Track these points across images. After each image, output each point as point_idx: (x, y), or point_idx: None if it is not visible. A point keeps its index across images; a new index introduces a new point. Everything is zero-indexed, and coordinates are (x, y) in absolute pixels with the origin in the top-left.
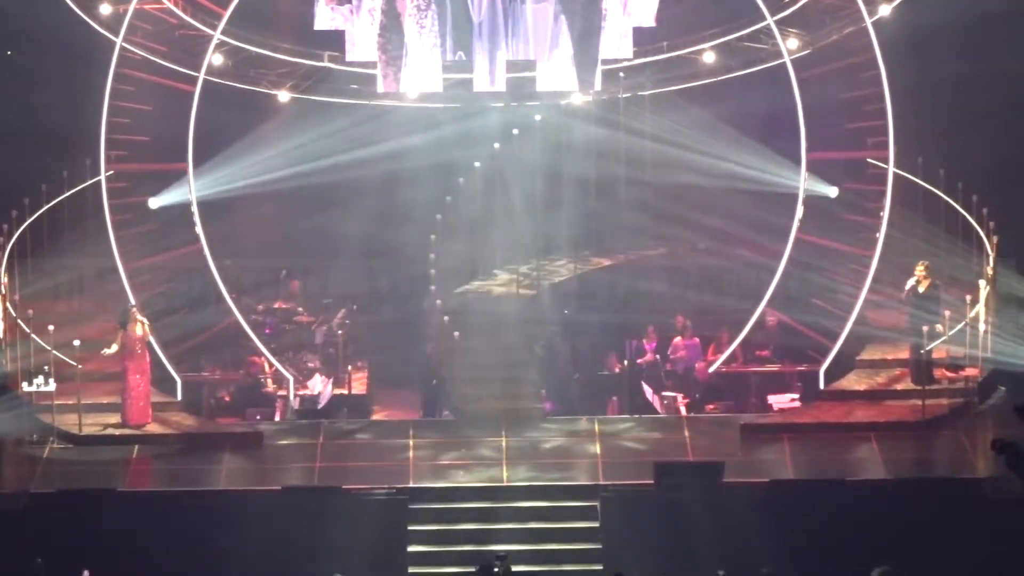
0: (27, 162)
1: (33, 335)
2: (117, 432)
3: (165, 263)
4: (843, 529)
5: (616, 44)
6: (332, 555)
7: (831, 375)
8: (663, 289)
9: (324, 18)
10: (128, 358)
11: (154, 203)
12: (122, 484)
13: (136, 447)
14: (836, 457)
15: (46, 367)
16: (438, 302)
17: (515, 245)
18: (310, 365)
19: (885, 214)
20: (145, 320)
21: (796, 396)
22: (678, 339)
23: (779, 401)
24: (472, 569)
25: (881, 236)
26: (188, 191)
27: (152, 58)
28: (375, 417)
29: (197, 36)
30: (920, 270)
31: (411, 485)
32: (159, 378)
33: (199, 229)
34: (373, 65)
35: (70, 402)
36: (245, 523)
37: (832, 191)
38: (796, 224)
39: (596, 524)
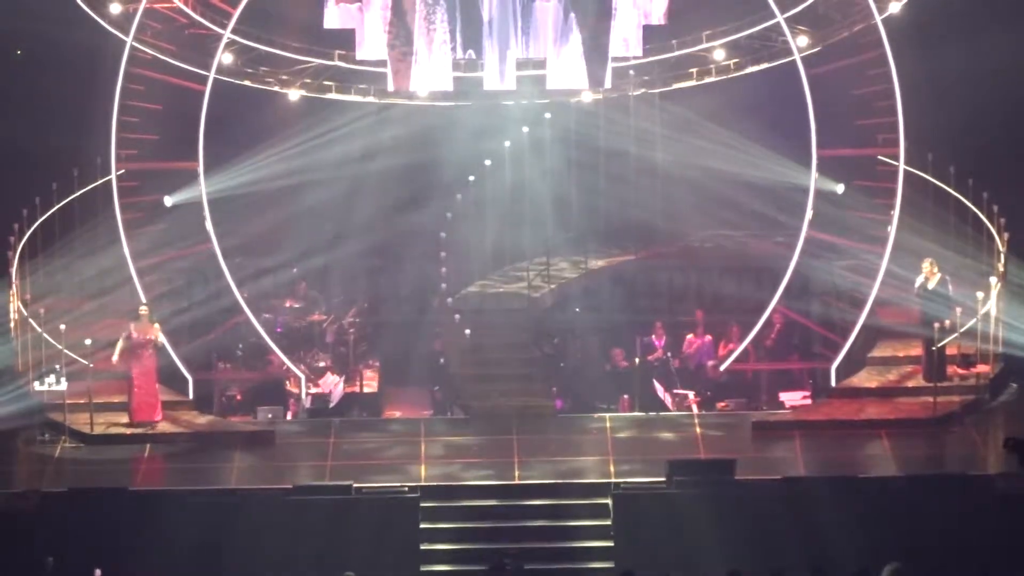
0: (38, 161)
1: (44, 334)
2: (128, 431)
3: (176, 261)
4: (855, 526)
5: (626, 42)
6: (343, 554)
7: (842, 372)
8: (674, 285)
9: (333, 17)
10: (133, 358)
11: (169, 201)
12: (133, 483)
13: (147, 446)
14: (848, 454)
15: (57, 366)
16: (448, 300)
17: (525, 242)
18: (321, 364)
19: (896, 211)
20: (155, 323)
21: (808, 393)
22: (690, 335)
23: (791, 398)
24: (483, 567)
25: (892, 233)
26: (203, 192)
27: (162, 57)
28: (386, 415)
29: (207, 35)
30: (927, 266)
31: (422, 483)
32: (170, 376)
33: (209, 226)
34: (383, 64)
35: (81, 401)
36: (256, 522)
37: (839, 188)
38: (807, 221)
39: (608, 522)
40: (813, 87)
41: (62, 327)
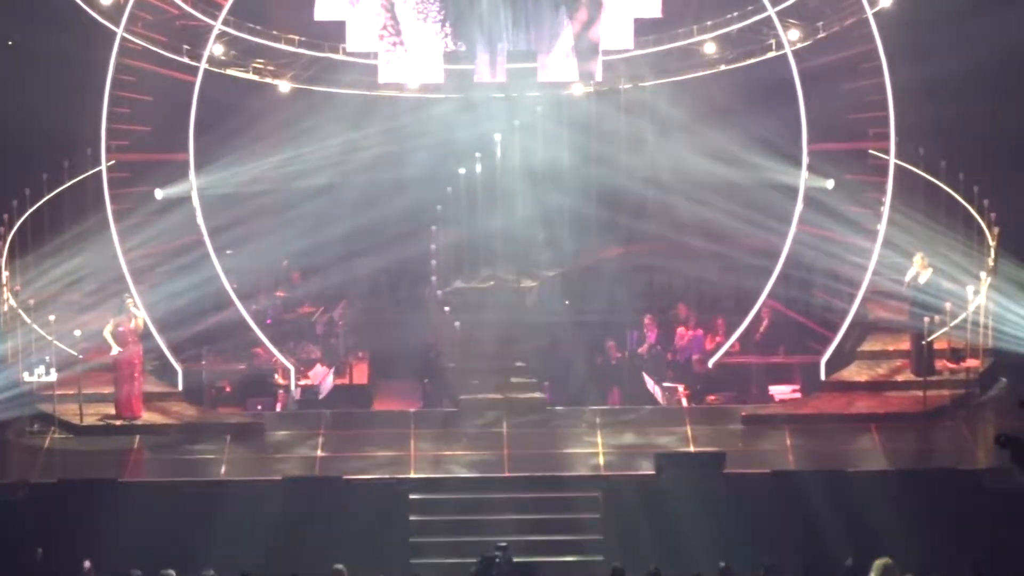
0: (28, 152)
1: (34, 325)
2: (118, 422)
3: (166, 253)
4: (844, 520)
5: (617, 34)
6: (333, 546)
7: (832, 366)
8: (665, 279)
9: (325, 8)
10: (120, 351)
11: (160, 194)
12: (123, 474)
13: (137, 437)
14: (837, 448)
15: (47, 357)
16: (439, 292)
17: (517, 234)
18: (311, 355)
19: (886, 205)
20: (139, 313)
21: (797, 387)
22: (681, 328)
23: (780, 392)
24: (473, 560)
25: (882, 227)
26: (192, 183)
27: (153, 48)
28: (376, 407)
29: (198, 26)
30: (918, 260)
31: (412, 475)
32: (160, 368)
33: (200, 219)
34: (374, 55)
35: (71, 392)
36: (246, 513)
37: (829, 183)
38: (796, 216)
39: (597, 515)
40: (804, 81)
41: (51, 318)
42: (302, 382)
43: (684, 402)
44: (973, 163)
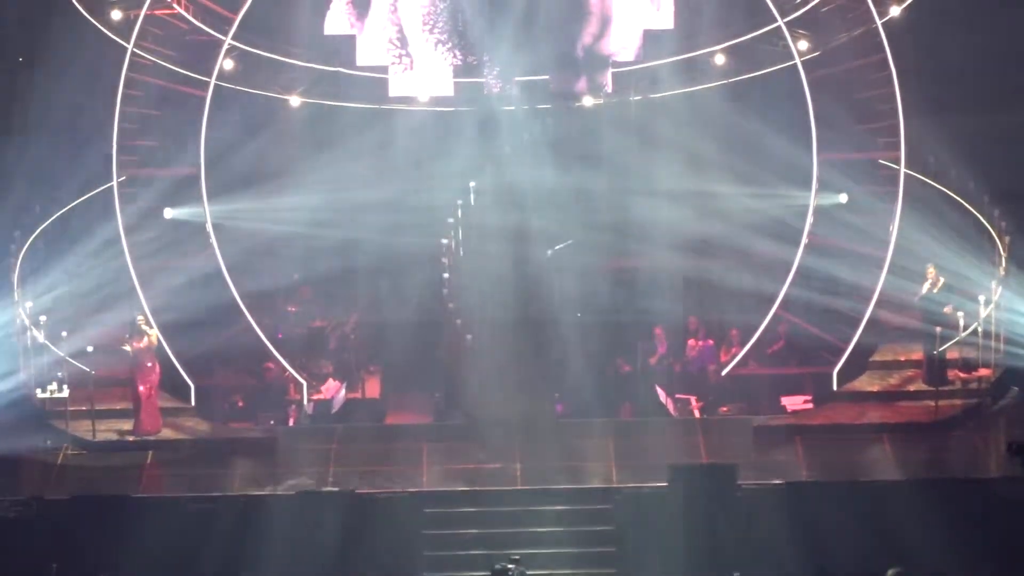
0: (39, 168)
1: (47, 342)
2: (131, 438)
3: (178, 268)
4: (857, 530)
5: (627, 47)
6: (346, 559)
7: (844, 376)
8: (674, 293)
9: (334, 23)
10: (136, 369)
11: (168, 214)
12: (136, 489)
13: (150, 453)
14: (849, 458)
15: (60, 373)
16: (450, 305)
17: (527, 246)
18: (324, 370)
19: (896, 215)
20: (152, 330)
21: (809, 398)
22: (691, 340)
23: (792, 403)
24: (487, 573)
25: (892, 237)
26: (203, 209)
27: (163, 63)
28: (389, 421)
29: (208, 41)
30: (931, 272)
31: (425, 489)
32: (173, 384)
33: (210, 228)
34: (384, 70)
35: (84, 408)
36: (259, 528)
37: (842, 197)
38: (807, 227)
39: (610, 527)
40: (813, 91)
41: (64, 334)
42: (315, 396)
43: (696, 413)
44: (985, 172)
